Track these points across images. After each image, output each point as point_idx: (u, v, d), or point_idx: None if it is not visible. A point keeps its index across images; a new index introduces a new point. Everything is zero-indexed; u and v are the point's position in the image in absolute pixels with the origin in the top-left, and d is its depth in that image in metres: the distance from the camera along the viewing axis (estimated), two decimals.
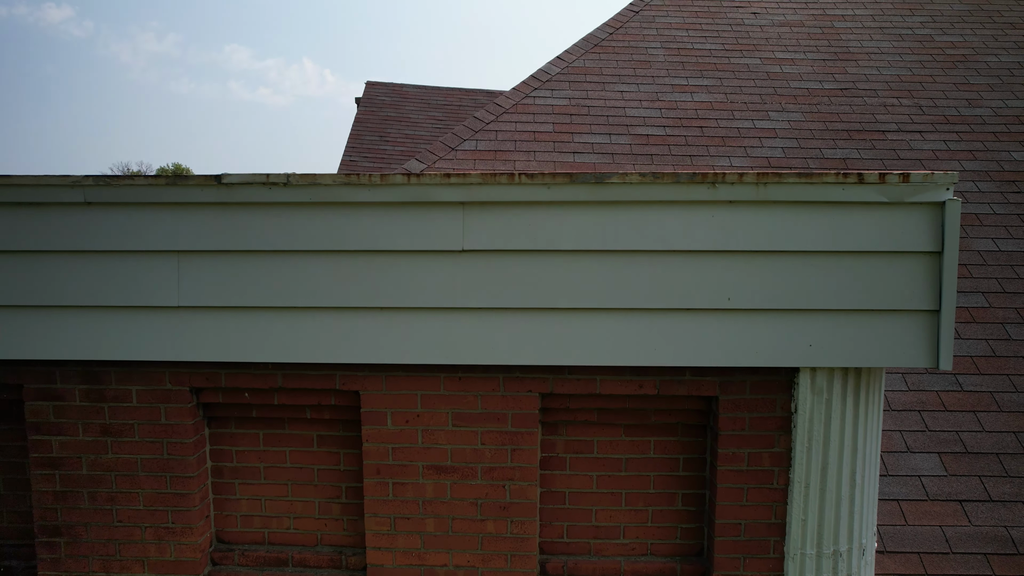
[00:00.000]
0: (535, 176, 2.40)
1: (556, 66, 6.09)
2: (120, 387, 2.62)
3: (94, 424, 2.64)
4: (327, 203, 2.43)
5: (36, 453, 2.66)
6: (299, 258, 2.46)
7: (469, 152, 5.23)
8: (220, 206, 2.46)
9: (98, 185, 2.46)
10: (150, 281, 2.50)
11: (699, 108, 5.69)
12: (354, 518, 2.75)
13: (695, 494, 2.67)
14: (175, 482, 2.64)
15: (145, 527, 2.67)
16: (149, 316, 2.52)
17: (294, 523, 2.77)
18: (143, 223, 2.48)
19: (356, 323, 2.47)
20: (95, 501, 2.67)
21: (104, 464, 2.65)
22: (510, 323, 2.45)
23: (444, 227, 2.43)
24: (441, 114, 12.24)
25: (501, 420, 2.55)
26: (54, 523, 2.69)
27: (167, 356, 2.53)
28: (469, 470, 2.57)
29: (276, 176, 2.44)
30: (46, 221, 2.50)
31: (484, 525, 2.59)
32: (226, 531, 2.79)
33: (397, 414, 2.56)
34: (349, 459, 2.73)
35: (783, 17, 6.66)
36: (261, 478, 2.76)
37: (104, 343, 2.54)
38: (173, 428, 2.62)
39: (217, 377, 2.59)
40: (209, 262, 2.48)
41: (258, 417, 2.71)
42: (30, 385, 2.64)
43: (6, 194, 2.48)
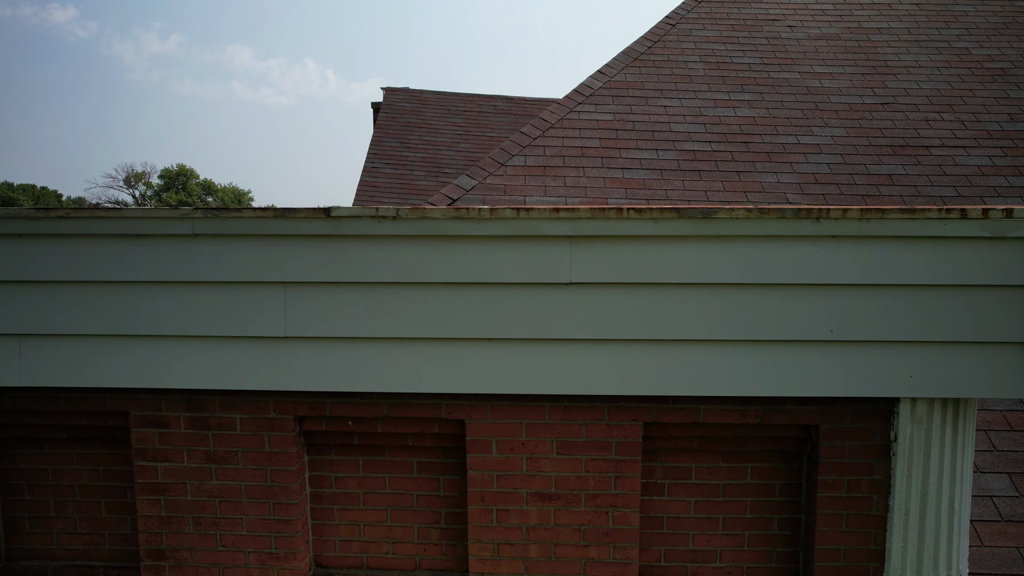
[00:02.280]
0: (643, 211, 2.44)
1: (598, 80, 6.13)
2: (224, 415, 2.65)
3: (198, 451, 2.68)
4: (436, 236, 2.47)
5: (141, 479, 2.70)
6: (407, 290, 2.50)
7: (519, 168, 5.27)
8: (328, 238, 2.50)
9: (206, 217, 2.50)
10: (256, 312, 2.54)
11: (742, 123, 5.74)
12: (453, 543, 2.79)
13: (790, 519, 2.72)
14: (278, 508, 2.68)
15: (248, 552, 2.71)
16: (255, 346, 2.56)
17: (393, 548, 2.81)
18: (250, 254, 2.52)
19: (464, 354, 2.51)
20: (199, 526, 2.71)
21: (208, 490, 2.69)
22: (616, 354, 2.49)
23: (551, 260, 2.47)
24: (461, 120, 12.28)
25: (605, 448, 2.59)
26: (159, 547, 2.72)
27: (273, 386, 2.56)
28: (573, 497, 2.61)
29: (385, 209, 2.47)
30: (154, 253, 2.54)
31: (587, 551, 2.63)
32: (324, 555, 2.83)
33: (502, 442, 2.60)
34: (449, 485, 2.77)
35: (819, 30, 6.71)
36: (360, 504, 2.79)
37: (210, 372, 2.58)
38: (277, 456, 2.65)
39: (322, 406, 2.63)
40: (316, 293, 2.52)
41: (359, 444, 2.74)
42: (136, 412, 2.67)
43: (117, 226, 2.52)
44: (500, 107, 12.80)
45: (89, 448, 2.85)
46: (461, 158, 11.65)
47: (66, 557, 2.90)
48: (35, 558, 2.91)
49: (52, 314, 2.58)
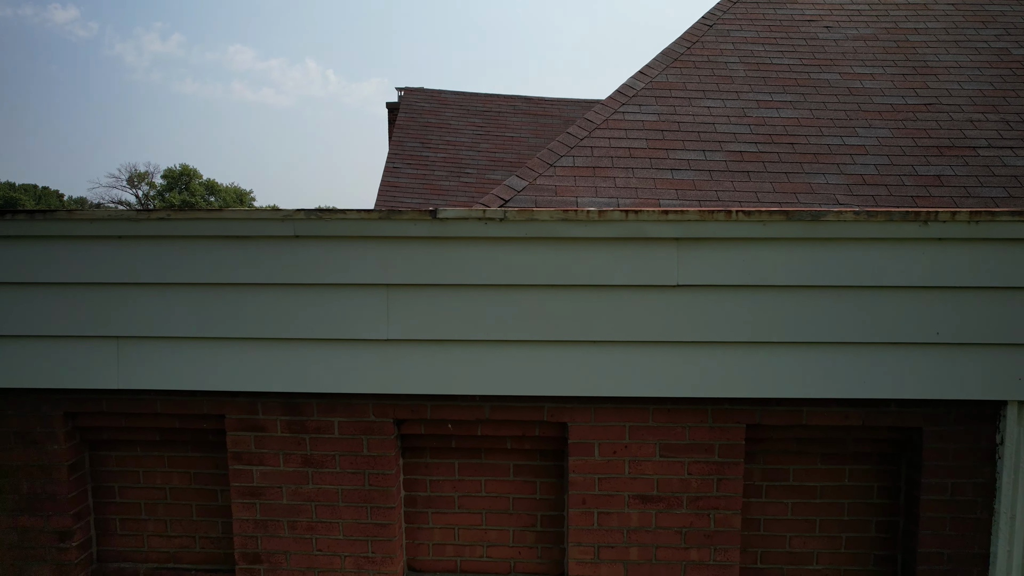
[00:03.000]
0: (752, 213, 2.43)
1: (640, 81, 6.12)
2: (322, 419, 2.64)
3: (295, 455, 2.66)
4: (543, 238, 2.46)
5: (237, 482, 2.68)
6: (513, 292, 2.49)
7: (568, 168, 5.26)
8: (433, 240, 2.49)
9: (309, 219, 2.49)
10: (359, 314, 2.52)
11: (787, 124, 5.74)
12: (548, 546, 2.78)
13: (888, 522, 2.71)
14: (376, 512, 2.67)
15: (345, 556, 2.69)
16: (356, 349, 2.54)
17: (488, 551, 2.79)
18: (353, 256, 2.50)
19: (569, 356, 2.51)
20: (295, 530, 2.69)
21: (305, 494, 2.67)
22: (722, 356, 2.49)
23: (659, 262, 2.46)
24: (481, 120, 12.26)
25: (708, 451, 2.58)
26: (254, 551, 2.71)
27: (375, 389, 2.55)
28: (675, 499, 2.60)
29: (493, 211, 2.46)
30: (255, 254, 2.53)
31: (688, 553, 2.62)
32: (417, 559, 2.82)
33: (605, 445, 2.59)
34: (546, 488, 2.76)
35: (856, 31, 6.71)
36: (455, 507, 2.78)
37: (309, 375, 2.56)
38: (376, 459, 2.64)
39: (422, 409, 2.62)
40: (420, 295, 2.51)
41: (457, 447, 2.73)
42: (232, 416, 2.66)
43: (217, 228, 2.51)
44: (519, 107, 12.78)
45: (181, 451, 2.83)
46: (482, 158, 11.63)
47: (157, 560, 2.89)
48: (126, 560, 2.89)
49: (150, 316, 2.57)
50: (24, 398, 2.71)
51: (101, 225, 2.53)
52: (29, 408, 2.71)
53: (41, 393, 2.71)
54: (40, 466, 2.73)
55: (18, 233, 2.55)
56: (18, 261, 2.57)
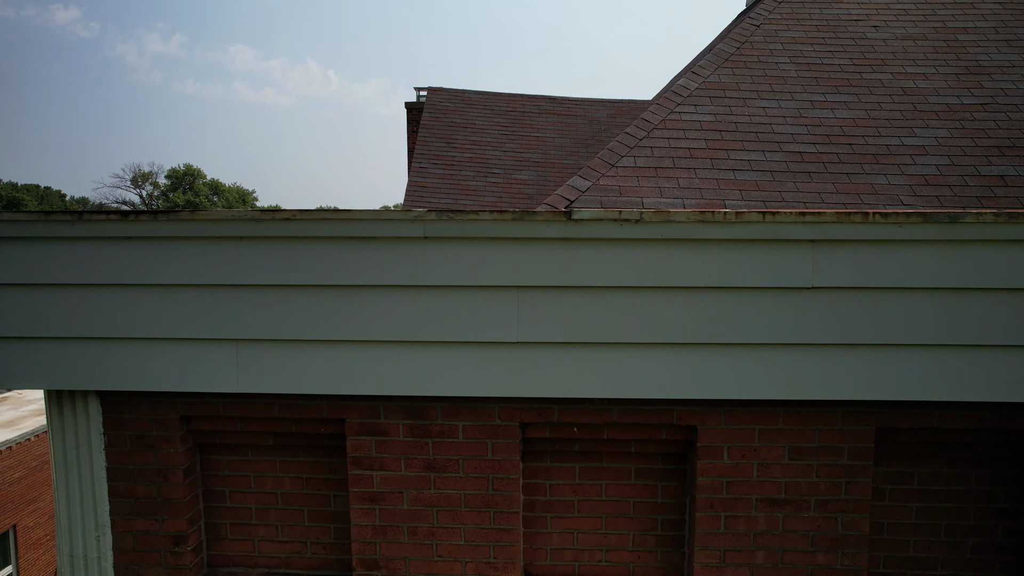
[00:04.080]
0: (888, 215, 2.41)
1: (693, 81, 6.10)
2: (446, 423, 2.61)
3: (417, 459, 2.63)
4: (678, 240, 2.43)
5: (356, 488, 2.65)
6: (646, 294, 2.46)
7: (630, 169, 5.23)
8: (565, 241, 2.46)
9: (440, 220, 2.46)
10: (488, 316, 2.49)
11: (843, 124, 5.71)
12: (668, 550, 2.75)
13: (1016, 527, 2.69)
14: (499, 517, 2.64)
15: (466, 562, 2.66)
16: (485, 351, 2.51)
17: (606, 556, 2.77)
18: (483, 258, 2.47)
19: (700, 359, 2.48)
20: (415, 536, 2.66)
21: (426, 499, 2.64)
22: (854, 359, 2.46)
23: (793, 264, 2.43)
24: (506, 120, 12.23)
25: (837, 453, 2.55)
26: (373, 557, 2.68)
27: (503, 392, 2.52)
28: (803, 503, 2.58)
29: (629, 213, 2.43)
30: (382, 256, 2.49)
31: (815, 557, 2.59)
32: (534, 564, 2.79)
33: (734, 448, 2.56)
34: (667, 491, 2.73)
35: (904, 31, 6.69)
36: (575, 511, 2.75)
37: (435, 379, 2.53)
38: (500, 463, 2.61)
39: (550, 412, 2.59)
40: (551, 297, 2.47)
41: (580, 451, 2.70)
42: (353, 420, 2.63)
43: (344, 228, 2.47)
44: (543, 107, 12.75)
45: (294, 455, 2.80)
46: (508, 158, 11.59)
47: (267, 565, 2.85)
48: (236, 565, 2.86)
49: (270, 319, 2.54)
50: (140, 401, 2.68)
51: (223, 226, 2.50)
52: (145, 411, 2.68)
53: (158, 396, 2.68)
54: (156, 469, 2.69)
55: (139, 234, 2.52)
56: (138, 263, 2.53)
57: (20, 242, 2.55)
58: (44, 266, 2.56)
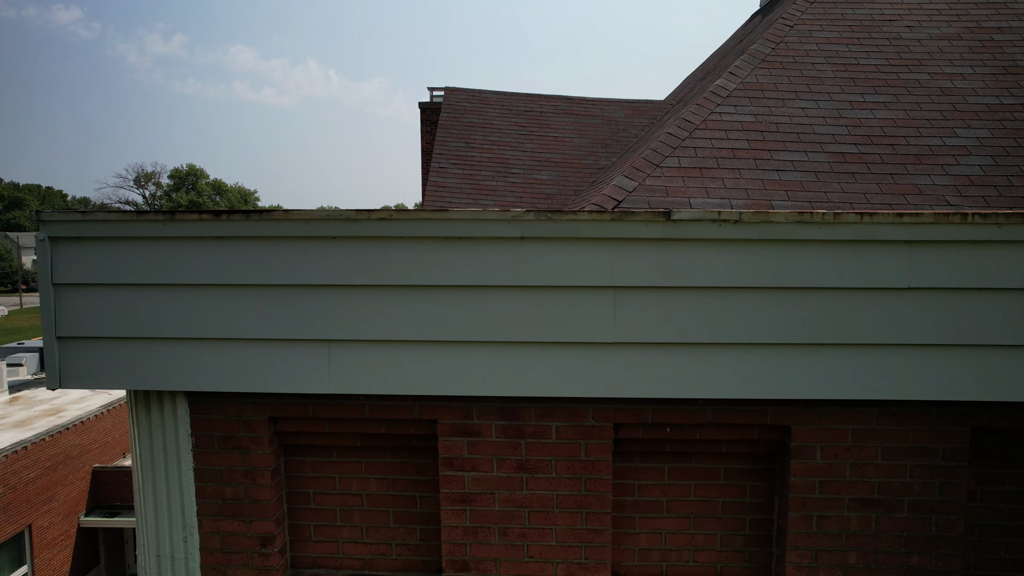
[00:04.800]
0: (988, 216, 2.41)
1: (731, 82, 6.10)
2: (539, 423, 2.61)
3: (510, 460, 2.63)
4: (775, 240, 2.43)
5: (447, 489, 2.64)
6: (743, 294, 2.46)
7: (675, 169, 5.23)
8: (663, 242, 2.45)
9: (538, 220, 2.45)
10: (584, 317, 2.49)
11: (883, 125, 5.72)
12: (756, 550, 2.75)
13: None
14: (591, 518, 2.63)
15: (557, 563, 2.66)
16: (581, 352, 2.51)
17: (694, 556, 2.76)
18: (580, 258, 2.47)
19: (795, 359, 2.47)
20: (506, 537, 2.66)
21: (518, 500, 2.64)
22: (950, 359, 2.46)
23: (890, 265, 2.43)
24: (524, 120, 12.23)
25: (932, 454, 2.55)
26: (463, 558, 2.67)
27: (598, 392, 2.52)
28: (896, 503, 2.58)
29: (728, 213, 2.43)
30: (478, 256, 2.49)
31: (908, 558, 2.59)
32: (622, 565, 2.79)
33: (827, 448, 2.56)
34: (755, 491, 2.73)
35: (939, 31, 6.70)
36: (663, 511, 2.75)
37: (530, 379, 2.52)
38: (593, 464, 2.61)
39: (644, 413, 2.59)
40: (648, 297, 2.47)
41: (670, 452, 2.70)
42: (445, 421, 2.62)
43: (440, 228, 2.47)
44: (561, 107, 12.74)
45: (380, 456, 2.79)
46: (527, 158, 11.58)
47: (351, 566, 2.85)
48: (320, 566, 2.85)
49: (363, 319, 2.53)
50: (228, 402, 2.67)
51: (317, 226, 2.49)
52: (233, 412, 2.67)
53: (246, 397, 2.67)
54: (244, 471, 2.68)
55: (231, 234, 2.51)
56: (229, 263, 2.53)
57: (111, 242, 2.55)
58: (135, 266, 2.55)
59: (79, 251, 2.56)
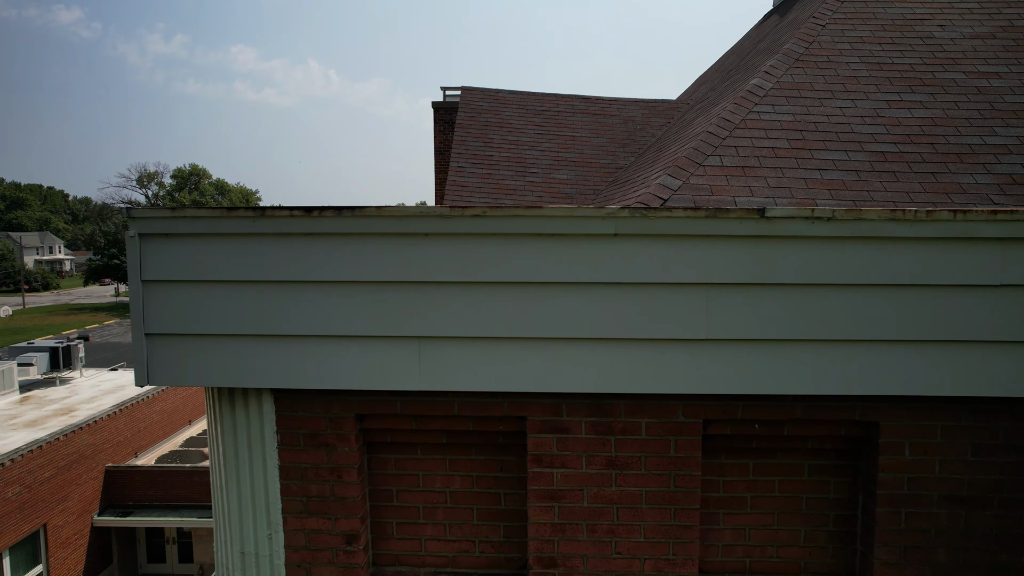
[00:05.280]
0: None
1: (767, 81, 6.11)
2: (629, 420, 2.61)
3: (599, 457, 2.63)
4: (868, 237, 2.44)
5: (536, 485, 2.65)
6: (835, 291, 2.46)
7: (717, 168, 5.24)
8: (756, 239, 2.46)
9: (633, 217, 2.46)
10: (677, 314, 2.50)
11: (922, 124, 5.73)
12: (840, 547, 2.76)
13: None
14: (679, 514, 2.64)
15: (644, 559, 2.67)
16: (672, 348, 2.51)
17: (778, 552, 2.77)
18: (673, 255, 2.48)
19: (885, 355, 2.48)
20: (594, 533, 2.66)
21: (607, 497, 2.64)
22: None
23: (983, 262, 2.44)
24: (541, 120, 12.24)
25: (1022, 451, 2.56)
26: (550, 555, 2.68)
27: (689, 389, 2.52)
28: (985, 500, 2.59)
29: (821, 211, 2.44)
30: (570, 253, 2.49)
31: (997, 556, 2.60)
32: (706, 560, 2.79)
33: (916, 444, 2.57)
34: (839, 487, 2.74)
35: (971, 30, 6.72)
36: (747, 507, 2.76)
37: (621, 375, 2.53)
38: (682, 460, 2.61)
39: (733, 409, 2.59)
40: (740, 294, 2.48)
41: (756, 448, 2.71)
42: (534, 417, 2.63)
43: (533, 225, 2.47)
44: (578, 107, 12.75)
45: (464, 453, 2.80)
46: (546, 158, 11.59)
47: (434, 564, 2.85)
48: (402, 564, 2.86)
49: (454, 316, 2.53)
50: (315, 399, 2.68)
51: (409, 222, 2.50)
52: (320, 409, 2.68)
53: (333, 395, 2.67)
54: (330, 468, 2.69)
55: (322, 231, 2.51)
56: (320, 259, 2.53)
57: (201, 238, 2.55)
58: (224, 263, 2.55)
59: (168, 248, 2.56)
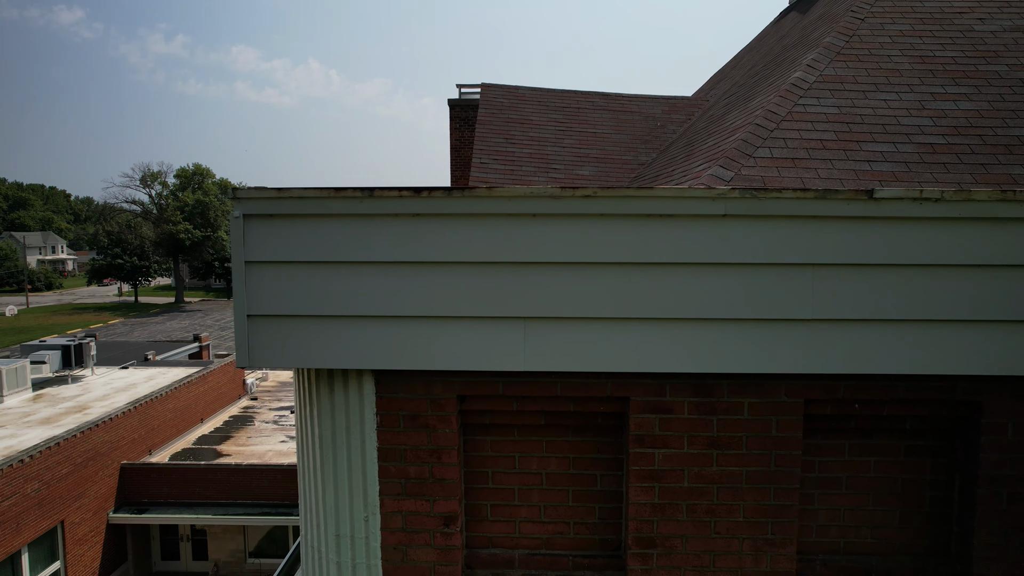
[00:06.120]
0: None
1: (809, 75, 6.13)
2: (732, 400, 2.62)
3: (701, 437, 2.64)
4: (976, 218, 2.45)
5: (637, 466, 2.66)
6: (939, 272, 2.47)
7: (767, 159, 5.25)
8: (863, 220, 2.47)
9: (743, 198, 2.47)
10: (783, 294, 2.51)
11: (968, 116, 5.75)
12: (936, 528, 2.77)
13: None
14: (779, 494, 2.65)
15: (743, 539, 2.68)
16: (777, 329, 2.52)
17: (872, 533, 2.78)
18: (780, 236, 2.49)
19: (988, 335, 2.49)
20: (694, 513, 2.67)
21: (707, 477, 2.65)
22: None
23: None
24: (561, 116, 12.25)
25: None
26: (649, 535, 2.69)
27: (795, 369, 2.53)
28: None
29: (930, 191, 2.46)
30: (680, 233, 2.50)
31: None
32: (801, 541, 2.80)
33: (1019, 425, 2.58)
34: (936, 468, 2.75)
35: (1011, 23, 6.74)
36: (843, 488, 2.77)
37: (726, 356, 2.53)
38: (784, 440, 2.63)
39: (835, 389, 2.61)
40: (846, 275, 2.49)
41: (853, 428, 2.72)
42: (638, 398, 2.64)
43: (644, 206, 2.48)
44: (597, 103, 12.77)
45: (561, 435, 2.81)
46: (567, 154, 11.60)
47: (528, 546, 2.86)
48: (496, 546, 2.86)
49: (560, 297, 2.54)
50: (417, 381, 2.68)
51: (518, 203, 2.50)
52: (422, 390, 2.68)
53: (434, 376, 2.68)
54: (429, 450, 2.70)
55: (430, 211, 2.52)
56: (427, 240, 2.53)
57: (306, 219, 2.55)
58: (329, 243, 2.56)
59: (273, 228, 2.57)
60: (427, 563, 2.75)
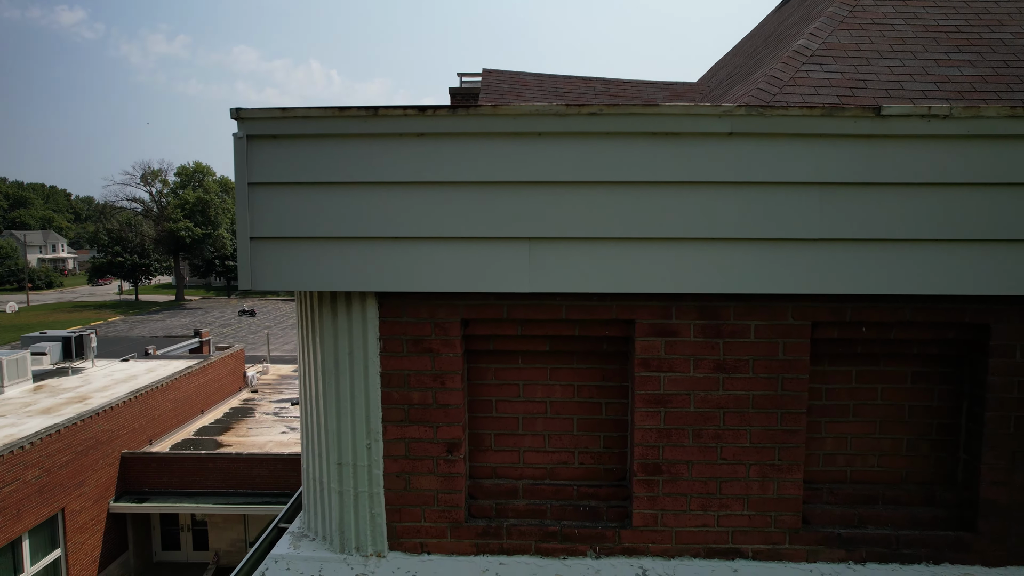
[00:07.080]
0: None
1: (812, 42, 6.11)
2: (738, 322, 2.61)
3: (707, 360, 2.62)
4: (984, 136, 2.43)
5: (642, 390, 2.64)
6: (947, 190, 2.46)
7: None
8: (870, 138, 2.45)
9: (749, 115, 2.45)
10: (790, 213, 2.49)
11: (972, 81, 5.73)
12: (943, 455, 2.75)
13: None
14: (786, 419, 2.63)
15: (750, 465, 2.66)
16: (784, 248, 2.51)
17: (879, 461, 2.76)
18: (787, 155, 2.47)
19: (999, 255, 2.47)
20: (700, 439, 2.65)
21: (714, 401, 2.63)
22: None
23: None
24: (563, 102, 12.23)
25: None
26: (655, 461, 2.67)
27: (802, 289, 2.51)
28: None
29: (938, 108, 2.44)
30: (686, 152, 2.48)
31: None
32: (807, 469, 2.78)
33: None
34: (943, 395, 2.73)
35: None
36: (850, 415, 2.75)
37: (733, 276, 2.51)
38: (791, 364, 2.61)
39: (843, 311, 2.59)
40: (854, 194, 2.47)
41: (860, 353, 2.70)
42: (643, 320, 2.62)
43: (649, 124, 2.47)
44: (599, 89, 12.76)
45: (566, 362, 2.79)
46: None
47: (532, 476, 2.84)
48: (499, 476, 2.84)
49: (565, 216, 2.52)
50: (421, 304, 2.67)
51: (523, 121, 2.49)
52: (425, 314, 2.67)
53: (438, 298, 2.66)
54: (433, 375, 2.68)
55: (434, 130, 2.50)
56: (431, 159, 2.51)
57: (310, 140, 2.53)
58: (334, 164, 2.54)
59: (277, 149, 2.55)
60: (430, 491, 2.73)
